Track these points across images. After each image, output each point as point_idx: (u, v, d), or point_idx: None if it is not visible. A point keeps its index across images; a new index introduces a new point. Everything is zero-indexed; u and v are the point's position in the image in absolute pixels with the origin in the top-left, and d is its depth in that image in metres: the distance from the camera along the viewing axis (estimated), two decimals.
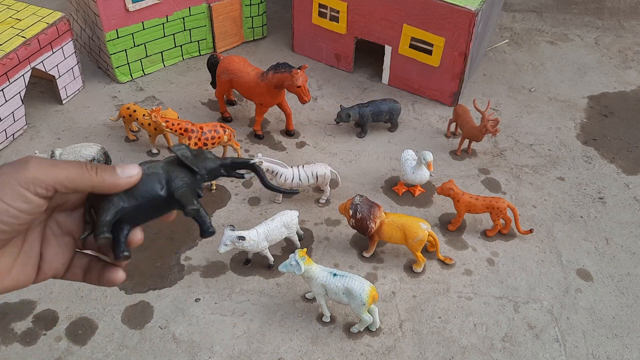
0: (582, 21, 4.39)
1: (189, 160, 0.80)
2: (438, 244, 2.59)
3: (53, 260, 0.79)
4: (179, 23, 3.65)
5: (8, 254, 0.75)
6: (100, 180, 0.73)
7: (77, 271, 0.82)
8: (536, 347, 2.34)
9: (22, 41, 3.03)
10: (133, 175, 0.75)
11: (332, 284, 2.26)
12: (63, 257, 0.80)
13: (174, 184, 0.78)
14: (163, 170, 0.79)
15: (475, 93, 3.63)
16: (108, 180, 0.73)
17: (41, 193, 0.69)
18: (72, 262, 0.82)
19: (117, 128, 3.29)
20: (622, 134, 3.44)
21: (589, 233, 2.82)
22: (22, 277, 0.76)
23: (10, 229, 0.69)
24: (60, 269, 0.80)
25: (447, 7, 3.17)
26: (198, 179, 0.81)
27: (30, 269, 0.77)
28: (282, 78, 2.97)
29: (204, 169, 0.82)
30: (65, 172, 0.70)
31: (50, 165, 0.69)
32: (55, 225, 0.80)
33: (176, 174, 0.79)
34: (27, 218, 0.70)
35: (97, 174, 0.72)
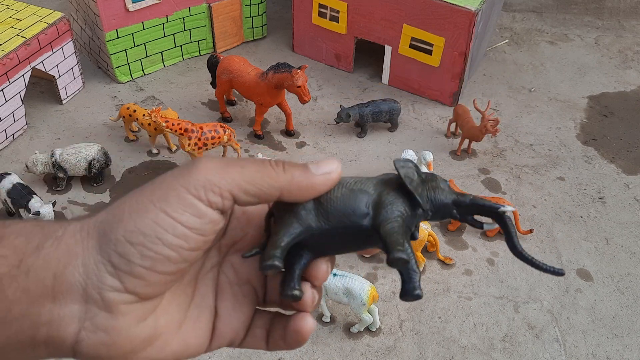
0: (582, 21, 4.39)
1: (414, 185, 0.57)
2: (438, 244, 2.59)
3: (231, 317, 0.58)
4: (179, 23, 3.65)
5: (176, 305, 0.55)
6: (289, 178, 0.53)
7: (259, 332, 0.60)
8: (536, 347, 2.34)
9: (22, 41, 3.03)
10: (332, 170, 0.54)
11: (332, 284, 2.26)
12: (242, 314, 0.59)
13: (384, 213, 0.55)
14: (374, 190, 0.56)
15: (475, 93, 3.63)
16: (299, 178, 0.53)
17: (216, 202, 0.50)
18: (253, 321, 0.60)
19: (117, 128, 3.29)
20: (622, 134, 3.44)
21: (589, 233, 2.82)
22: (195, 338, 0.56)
23: (178, 255, 0.49)
24: (240, 330, 0.59)
25: (447, 7, 3.17)
26: (419, 214, 0.57)
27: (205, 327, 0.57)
28: (282, 78, 2.97)
29: (432, 202, 0.58)
30: (244, 170, 0.51)
31: (224, 164, 0.51)
32: (231, 270, 0.60)
33: (391, 199, 0.56)
34: (199, 241, 0.50)
35: (284, 170, 0.53)
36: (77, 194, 2.93)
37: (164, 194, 0.49)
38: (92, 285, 0.48)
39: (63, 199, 2.89)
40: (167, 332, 0.54)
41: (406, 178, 0.57)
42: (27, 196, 2.57)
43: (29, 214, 2.51)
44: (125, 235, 0.48)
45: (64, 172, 2.86)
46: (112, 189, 2.97)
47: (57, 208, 2.75)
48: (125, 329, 0.49)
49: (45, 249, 0.49)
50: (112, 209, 0.51)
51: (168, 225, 0.48)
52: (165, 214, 0.48)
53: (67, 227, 0.50)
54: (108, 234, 0.49)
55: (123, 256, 0.48)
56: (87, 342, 0.48)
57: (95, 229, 0.50)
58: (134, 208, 0.49)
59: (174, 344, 0.54)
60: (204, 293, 0.58)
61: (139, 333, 0.50)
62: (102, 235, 0.49)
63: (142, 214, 0.48)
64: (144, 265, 0.48)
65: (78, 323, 0.48)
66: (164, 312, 0.53)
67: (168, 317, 0.54)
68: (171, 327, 0.54)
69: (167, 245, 0.48)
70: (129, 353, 0.51)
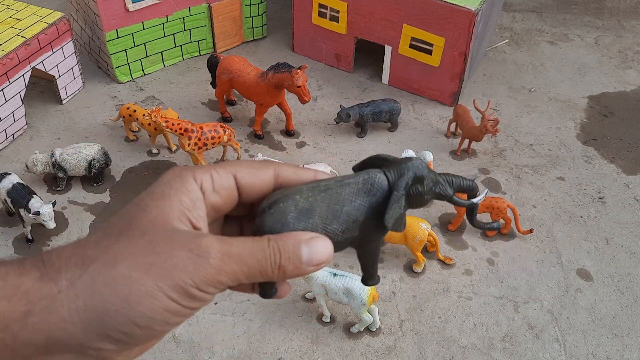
0: (582, 21, 4.39)
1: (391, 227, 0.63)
2: (438, 244, 2.59)
3: None
4: (179, 23, 3.65)
5: None
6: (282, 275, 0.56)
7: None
8: (536, 347, 2.34)
9: (22, 41, 3.03)
10: (323, 262, 0.57)
11: (332, 284, 2.26)
12: None
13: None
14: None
15: (475, 93, 3.63)
16: (290, 273, 0.56)
17: (215, 292, 0.53)
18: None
19: (117, 128, 3.29)
20: (622, 134, 3.44)
21: (589, 233, 2.82)
22: None
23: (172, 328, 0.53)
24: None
25: (447, 7, 3.17)
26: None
27: None
28: (282, 78, 2.97)
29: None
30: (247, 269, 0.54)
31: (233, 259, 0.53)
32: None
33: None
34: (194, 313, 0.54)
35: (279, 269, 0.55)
36: (77, 194, 2.93)
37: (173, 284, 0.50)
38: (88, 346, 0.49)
39: (63, 199, 2.89)
40: None
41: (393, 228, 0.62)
42: (27, 196, 2.57)
43: (29, 213, 2.51)
44: (134, 319, 0.49)
45: (64, 172, 2.86)
46: (112, 189, 2.97)
47: (57, 208, 2.75)
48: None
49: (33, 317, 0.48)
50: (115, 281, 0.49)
51: (177, 311, 0.51)
52: (175, 302, 0.50)
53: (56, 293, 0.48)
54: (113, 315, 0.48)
55: (127, 335, 0.49)
56: None
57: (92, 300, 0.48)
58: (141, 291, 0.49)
59: None
60: None
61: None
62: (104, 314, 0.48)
63: (152, 300, 0.49)
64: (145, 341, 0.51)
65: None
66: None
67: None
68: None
69: (172, 325, 0.52)
70: None
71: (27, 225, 2.61)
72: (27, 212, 2.52)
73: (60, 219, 2.75)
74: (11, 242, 2.69)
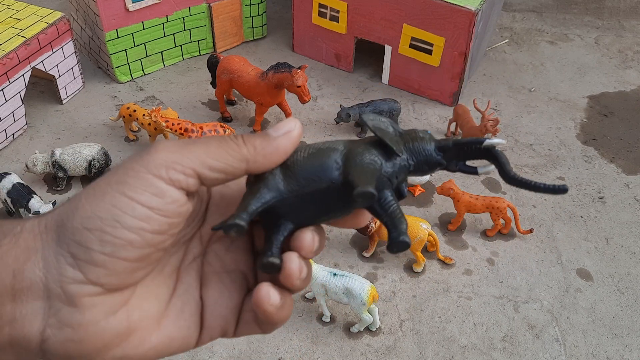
0: (582, 21, 4.39)
1: (383, 133, 0.53)
2: (438, 243, 2.59)
3: (218, 307, 0.55)
4: (179, 23, 3.65)
5: (154, 298, 0.52)
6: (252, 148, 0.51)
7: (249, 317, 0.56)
8: (536, 347, 2.34)
9: (22, 41, 3.03)
10: (292, 128, 0.52)
11: (332, 283, 2.26)
12: (231, 302, 0.56)
13: (354, 162, 0.51)
14: (345, 146, 0.53)
15: (475, 93, 3.63)
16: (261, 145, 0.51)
17: (178, 180, 0.47)
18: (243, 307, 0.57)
19: (117, 128, 3.29)
20: (622, 134, 3.44)
21: (589, 233, 2.82)
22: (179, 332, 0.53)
23: (141, 239, 0.46)
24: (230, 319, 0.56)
25: (447, 7, 3.17)
26: (399, 165, 0.53)
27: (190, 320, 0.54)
28: (282, 78, 2.97)
29: (411, 151, 0.54)
30: (206, 147, 0.49)
31: (185, 143, 0.50)
32: (216, 259, 0.57)
33: (362, 150, 0.52)
34: (162, 222, 0.47)
35: (245, 142, 0.51)
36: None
37: (122, 177, 0.47)
38: (52, 279, 0.45)
39: (63, 198, 2.89)
40: (144, 327, 0.51)
41: (376, 128, 0.53)
42: (27, 196, 2.57)
43: (29, 213, 2.51)
44: (83, 222, 0.46)
45: (64, 172, 2.86)
46: None
47: None
48: (93, 324, 0.47)
49: (1, 247, 0.46)
50: (72, 199, 0.48)
51: (126, 206, 0.46)
52: (123, 195, 0.46)
53: (25, 224, 0.48)
54: (65, 224, 0.46)
55: (81, 244, 0.45)
56: (53, 340, 0.46)
57: (53, 221, 0.47)
58: (90, 194, 0.47)
59: (154, 339, 0.51)
60: (188, 284, 0.55)
61: (109, 328, 0.48)
62: (60, 226, 0.47)
63: (99, 197, 0.46)
64: (104, 252, 0.45)
65: (42, 320, 0.46)
66: (138, 305, 0.50)
67: (144, 310, 0.51)
68: (149, 322, 0.51)
69: (127, 228, 0.46)
70: (101, 349, 0.48)
71: None
72: (27, 212, 2.52)
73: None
74: None
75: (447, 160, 0.56)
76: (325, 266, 2.38)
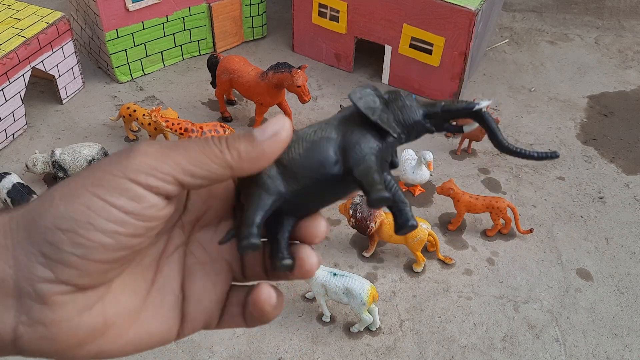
0: (582, 21, 4.39)
1: (377, 114, 0.52)
2: (438, 243, 2.59)
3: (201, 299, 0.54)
4: (179, 23, 3.65)
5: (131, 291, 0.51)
6: (236, 154, 0.48)
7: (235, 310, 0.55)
8: (536, 347, 2.34)
9: (22, 41, 3.03)
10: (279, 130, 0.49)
11: (332, 283, 2.26)
12: (215, 294, 0.55)
13: (354, 155, 0.50)
14: (337, 134, 0.52)
15: (475, 93, 3.63)
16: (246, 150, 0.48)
17: (157, 186, 0.45)
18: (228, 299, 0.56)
19: (117, 128, 3.29)
20: (622, 133, 3.44)
21: (589, 233, 2.82)
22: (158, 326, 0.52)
23: (115, 242, 0.45)
24: (214, 311, 0.55)
25: (447, 7, 3.17)
26: (392, 142, 0.54)
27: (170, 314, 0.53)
28: (282, 78, 2.97)
29: (402, 125, 0.54)
30: (187, 152, 0.47)
31: (165, 147, 0.47)
32: (200, 249, 0.55)
33: (357, 138, 0.51)
34: (139, 227, 0.46)
35: (229, 147, 0.48)
36: None
37: (98, 179, 0.45)
38: (23, 277, 0.44)
39: None
40: (121, 322, 0.49)
41: (367, 109, 0.52)
42: (27, 196, 2.57)
43: None
44: (55, 221, 0.44)
45: (64, 172, 2.86)
46: None
47: None
48: (66, 321, 0.46)
49: None
50: (43, 196, 0.47)
51: (101, 209, 0.44)
52: (99, 198, 0.44)
53: None
54: (37, 222, 0.45)
55: (53, 244, 0.44)
56: (26, 337, 0.45)
57: (24, 219, 0.46)
58: (64, 193, 0.45)
59: (132, 334, 0.50)
60: (169, 277, 0.53)
61: (83, 324, 0.47)
62: (32, 223, 0.45)
63: (73, 198, 0.45)
64: (76, 254, 0.44)
65: (14, 318, 0.45)
66: (114, 300, 0.49)
67: (120, 305, 0.49)
68: (126, 316, 0.50)
69: (101, 231, 0.44)
70: (76, 345, 0.47)
71: None
72: None
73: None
74: None
75: (435, 126, 0.57)
76: (325, 266, 2.38)
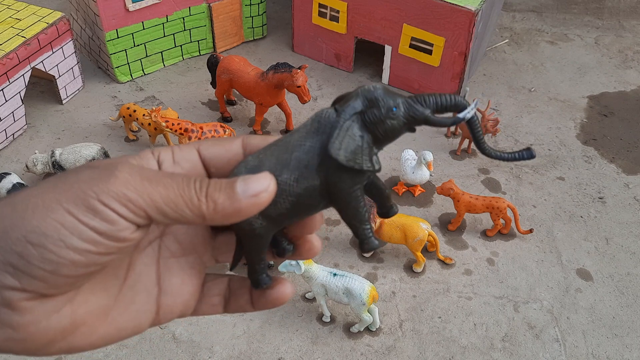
0: (582, 21, 4.39)
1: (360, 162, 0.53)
2: (438, 244, 2.59)
3: (177, 292, 0.55)
4: (179, 23, 3.65)
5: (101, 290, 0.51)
6: (212, 206, 0.48)
7: (215, 300, 0.59)
8: (536, 347, 2.34)
9: (22, 41, 3.03)
10: (261, 191, 0.49)
11: (332, 283, 2.26)
12: (191, 285, 0.57)
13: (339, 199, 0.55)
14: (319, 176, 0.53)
15: (475, 93, 3.63)
16: (222, 205, 0.48)
17: (128, 217, 0.46)
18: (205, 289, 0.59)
19: (117, 128, 3.29)
20: (622, 134, 3.44)
21: (589, 233, 2.82)
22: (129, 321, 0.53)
23: (85, 260, 0.45)
24: (190, 301, 0.57)
25: (447, 7, 3.17)
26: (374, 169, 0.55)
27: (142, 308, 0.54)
28: (282, 78, 2.97)
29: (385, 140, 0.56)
30: (165, 191, 0.47)
31: (145, 179, 0.47)
32: (174, 242, 0.56)
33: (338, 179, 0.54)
34: (110, 247, 0.46)
35: (207, 196, 0.48)
36: None
37: (73, 196, 0.45)
38: None
39: None
40: (91, 321, 0.50)
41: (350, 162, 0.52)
42: None
43: None
44: (26, 234, 0.44)
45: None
46: None
47: None
48: (35, 324, 0.46)
49: None
50: (16, 201, 0.46)
51: (74, 227, 0.44)
52: (72, 216, 0.44)
53: None
54: (8, 232, 0.45)
55: (22, 256, 0.44)
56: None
57: None
58: (38, 205, 0.45)
59: (102, 330, 0.51)
60: (141, 272, 0.54)
61: (52, 326, 0.47)
62: (2, 234, 0.45)
63: (46, 212, 0.44)
64: (45, 269, 0.44)
65: None
66: (84, 300, 0.49)
67: (90, 305, 0.50)
68: (95, 315, 0.50)
69: (72, 249, 0.44)
70: (45, 345, 0.47)
71: None
72: None
73: None
74: None
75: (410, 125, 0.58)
76: (325, 266, 2.38)
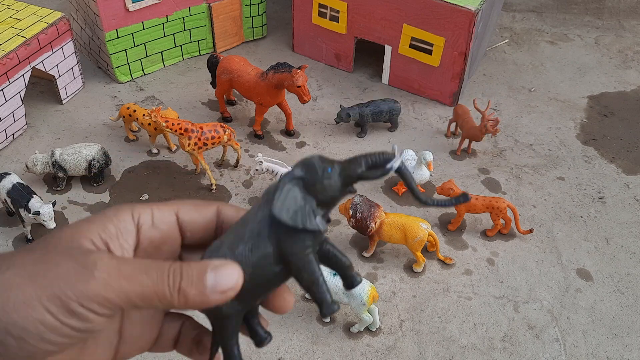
0: (582, 21, 4.39)
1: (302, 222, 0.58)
2: (438, 244, 2.59)
3: (137, 341, 0.60)
4: (179, 23, 3.65)
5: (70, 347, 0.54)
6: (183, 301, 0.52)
7: (167, 343, 0.64)
8: (536, 347, 2.34)
9: (22, 41, 3.03)
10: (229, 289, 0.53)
11: (332, 283, 2.26)
12: (149, 334, 0.61)
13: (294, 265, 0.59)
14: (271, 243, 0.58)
15: (475, 93, 3.63)
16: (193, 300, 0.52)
17: (105, 313, 0.50)
18: (161, 333, 0.63)
19: (117, 128, 3.29)
20: (622, 134, 3.44)
21: (589, 233, 2.82)
22: None
23: (61, 348, 0.50)
24: (145, 347, 0.62)
25: (447, 7, 3.17)
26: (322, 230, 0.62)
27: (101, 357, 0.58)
28: (282, 78, 2.97)
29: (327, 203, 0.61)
30: (140, 288, 0.50)
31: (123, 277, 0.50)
32: None
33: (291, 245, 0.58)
34: (82, 337, 0.50)
35: (179, 291, 0.51)
36: (77, 194, 2.93)
37: (53, 296, 0.47)
38: None
39: (63, 198, 2.89)
40: None
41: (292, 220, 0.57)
42: (27, 196, 2.57)
43: (29, 213, 2.51)
44: (7, 326, 0.47)
45: (64, 172, 2.86)
46: (112, 188, 2.96)
47: (57, 208, 2.75)
48: None
49: None
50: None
51: (53, 326, 0.47)
52: (51, 315, 0.47)
53: None
54: None
55: (2, 344, 0.47)
56: None
57: None
58: (18, 299, 0.47)
59: None
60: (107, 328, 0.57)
61: None
62: None
63: (27, 310, 0.47)
64: (22, 355, 0.48)
65: None
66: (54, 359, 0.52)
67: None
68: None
69: (49, 343, 0.48)
70: None
71: (27, 225, 2.61)
72: (27, 212, 2.52)
73: (60, 219, 2.75)
74: (11, 242, 2.69)
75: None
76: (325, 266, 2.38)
